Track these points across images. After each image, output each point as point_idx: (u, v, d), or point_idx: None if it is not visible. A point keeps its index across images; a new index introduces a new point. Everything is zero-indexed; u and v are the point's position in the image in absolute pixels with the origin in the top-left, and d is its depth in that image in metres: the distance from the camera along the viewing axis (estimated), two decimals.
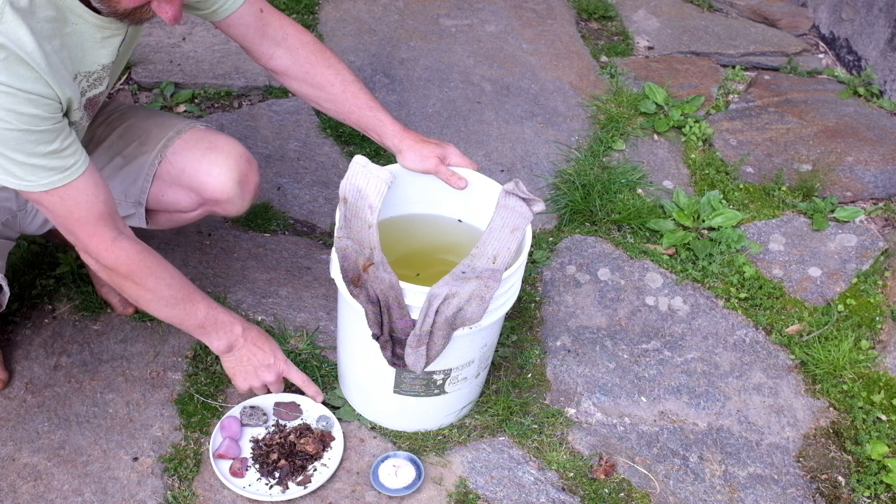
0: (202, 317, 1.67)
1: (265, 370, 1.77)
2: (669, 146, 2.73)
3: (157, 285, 1.59)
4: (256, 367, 1.77)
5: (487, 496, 1.76)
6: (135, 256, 1.54)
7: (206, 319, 1.68)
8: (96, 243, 1.50)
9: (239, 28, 1.72)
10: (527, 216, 1.66)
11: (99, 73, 1.50)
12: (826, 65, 3.23)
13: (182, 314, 1.65)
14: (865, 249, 2.40)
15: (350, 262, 1.57)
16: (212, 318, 1.69)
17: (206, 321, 1.68)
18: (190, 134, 1.76)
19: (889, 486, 1.84)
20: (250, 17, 1.70)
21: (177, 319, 1.67)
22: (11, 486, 1.68)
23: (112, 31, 1.47)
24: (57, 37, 1.38)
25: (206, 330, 1.69)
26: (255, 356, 1.76)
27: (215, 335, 1.71)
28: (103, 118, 1.79)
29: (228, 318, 1.72)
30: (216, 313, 1.70)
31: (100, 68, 1.50)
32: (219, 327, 1.70)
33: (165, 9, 1.38)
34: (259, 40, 1.74)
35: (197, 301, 1.66)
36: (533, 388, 1.98)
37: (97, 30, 1.44)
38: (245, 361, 1.76)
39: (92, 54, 1.47)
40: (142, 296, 1.60)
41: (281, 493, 1.70)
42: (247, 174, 1.77)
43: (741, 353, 2.11)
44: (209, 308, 1.68)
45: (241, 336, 1.73)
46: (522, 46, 3.12)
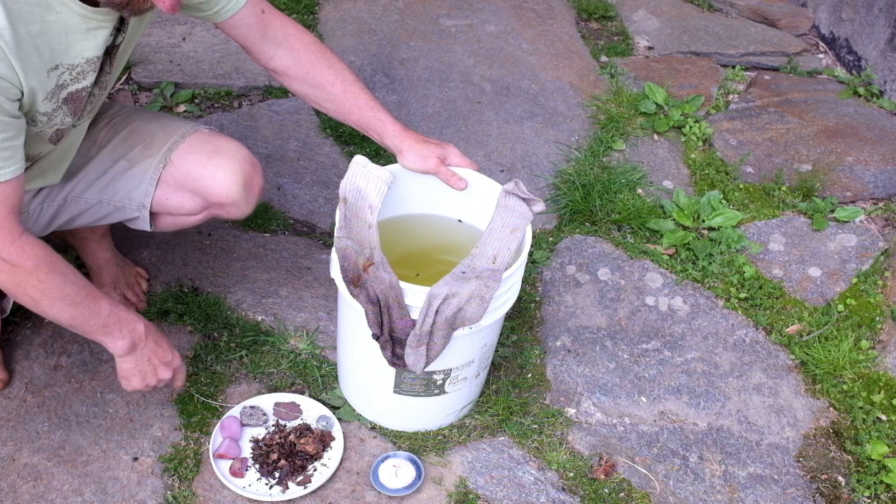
0: (106, 315, 1.56)
1: (164, 368, 1.67)
2: (669, 146, 2.73)
3: (62, 282, 1.50)
4: (157, 365, 1.66)
5: (487, 496, 1.76)
6: (40, 251, 1.47)
7: (109, 318, 1.57)
8: (3, 237, 1.43)
9: (240, 29, 1.72)
10: (527, 216, 1.66)
11: (83, 67, 1.47)
12: (826, 65, 3.23)
13: (86, 313, 1.54)
14: (865, 249, 2.40)
15: (350, 262, 1.57)
16: (115, 317, 1.58)
17: (109, 320, 1.57)
18: (194, 137, 1.76)
19: (889, 486, 1.84)
20: (252, 18, 1.70)
21: (80, 319, 1.55)
22: (11, 486, 1.68)
23: (98, 22, 1.44)
24: (36, 22, 1.35)
25: (110, 329, 1.58)
26: (156, 354, 1.66)
27: (119, 335, 1.59)
28: (106, 121, 1.79)
29: (131, 315, 1.61)
30: (118, 311, 1.59)
31: (83, 61, 1.47)
32: (122, 325, 1.59)
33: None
34: (260, 41, 1.74)
35: (100, 299, 1.56)
36: (533, 388, 1.98)
37: (82, 20, 1.41)
38: (146, 361, 1.65)
39: (76, 46, 1.44)
40: (46, 293, 1.49)
41: (281, 493, 1.70)
42: (251, 177, 1.76)
43: (741, 353, 2.11)
44: (112, 306, 1.58)
45: (143, 334, 1.62)
46: (522, 46, 3.12)
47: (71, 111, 1.53)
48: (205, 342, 1.98)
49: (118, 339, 1.59)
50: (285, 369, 1.95)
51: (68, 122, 1.54)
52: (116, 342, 1.60)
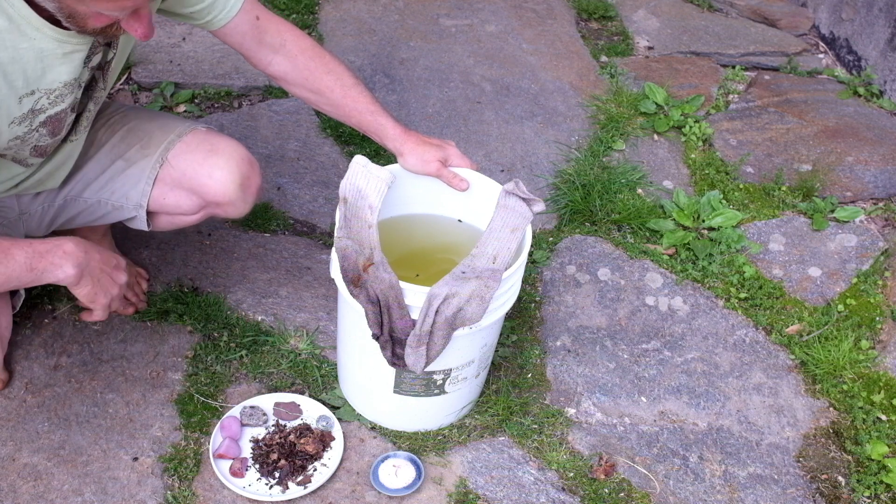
0: (23, 259, 1.42)
1: (118, 272, 1.55)
2: (669, 146, 2.73)
3: None
4: (110, 272, 1.54)
5: (487, 496, 1.76)
6: None
7: (30, 259, 1.43)
8: None
9: (235, 37, 1.71)
10: (527, 216, 1.66)
11: (61, 91, 1.45)
12: (826, 65, 3.23)
13: (5, 270, 1.41)
14: (865, 249, 2.40)
15: (350, 262, 1.57)
16: (34, 254, 1.43)
17: (32, 260, 1.43)
18: (191, 136, 1.76)
19: (889, 486, 1.84)
20: (246, 25, 1.69)
21: (4, 277, 1.42)
22: (11, 486, 1.68)
23: (73, 46, 1.42)
24: (8, 49, 1.33)
25: (40, 268, 1.44)
26: (105, 263, 1.52)
27: (54, 267, 1.44)
28: (104, 121, 1.79)
29: (50, 243, 1.46)
30: (34, 247, 1.44)
31: (61, 85, 1.45)
32: (48, 256, 1.44)
33: (135, 27, 1.34)
34: (256, 48, 1.73)
35: (9, 247, 1.42)
36: (533, 388, 1.98)
37: (58, 45, 1.39)
38: (99, 272, 1.51)
39: (52, 71, 1.41)
40: None
41: (281, 493, 1.70)
42: (248, 176, 1.76)
43: (741, 353, 2.11)
44: (24, 246, 1.43)
45: (77, 250, 1.47)
46: (522, 46, 3.12)
47: (49, 132, 1.50)
48: (205, 342, 1.98)
49: (56, 270, 1.45)
50: (285, 369, 1.95)
51: (47, 141, 1.51)
52: (57, 274, 1.45)
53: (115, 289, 1.54)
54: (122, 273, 1.56)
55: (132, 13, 1.32)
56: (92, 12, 1.30)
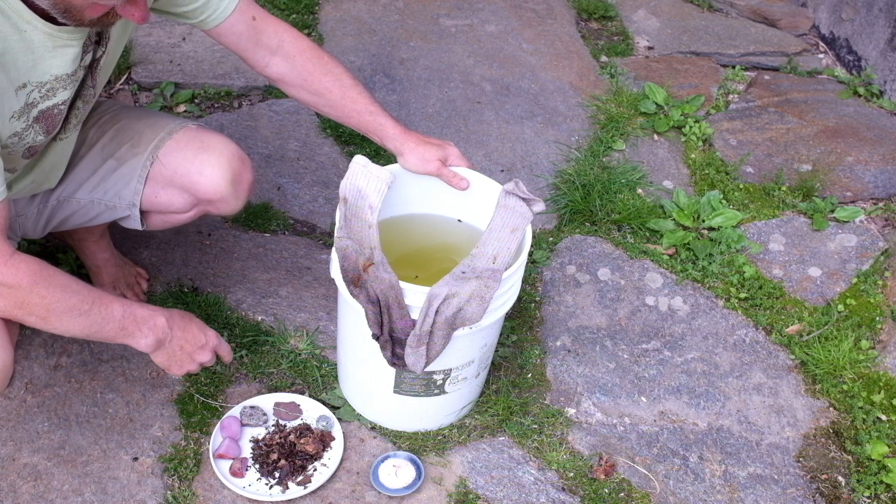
0: (119, 317, 1.49)
1: (200, 352, 1.62)
2: (669, 146, 2.73)
3: (64, 294, 1.43)
4: (191, 352, 1.61)
5: (487, 496, 1.76)
6: (35, 266, 1.42)
7: (124, 320, 1.50)
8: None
9: (231, 37, 1.70)
10: (527, 216, 1.66)
11: (52, 84, 1.44)
12: (826, 65, 3.23)
13: (99, 320, 1.47)
14: (865, 249, 2.40)
15: (350, 262, 1.57)
16: (131, 317, 1.51)
17: (125, 321, 1.50)
18: (181, 134, 1.75)
19: (889, 486, 1.84)
20: (242, 25, 1.68)
21: (94, 328, 1.48)
22: (11, 486, 1.68)
23: (64, 40, 1.41)
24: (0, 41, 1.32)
25: (129, 331, 1.51)
26: (187, 342, 1.60)
27: (140, 334, 1.52)
28: (95, 120, 1.78)
29: (148, 312, 1.54)
30: (133, 310, 1.52)
31: (52, 78, 1.43)
32: (141, 324, 1.52)
33: (131, 11, 1.34)
34: (253, 48, 1.72)
35: (111, 303, 1.49)
36: (533, 388, 1.98)
37: (48, 38, 1.38)
38: (178, 351, 1.59)
39: (43, 63, 1.40)
40: (51, 308, 1.43)
41: (281, 493, 1.70)
42: (240, 173, 1.75)
43: (741, 353, 2.11)
44: (125, 307, 1.50)
45: (166, 327, 1.56)
46: (522, 46, 3.12)
47: (43, 129, 1.49)
48: None
49: (140, 339, 1.53)
50: (285, 369, 1.95)
51: (40, 139, 1.51)
52: (139, 342, 1.54)
53: (191, 366, 1.63)
54: (206, 353, 1.63)
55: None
56: (88, 3, 1.30)
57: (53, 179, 1.70)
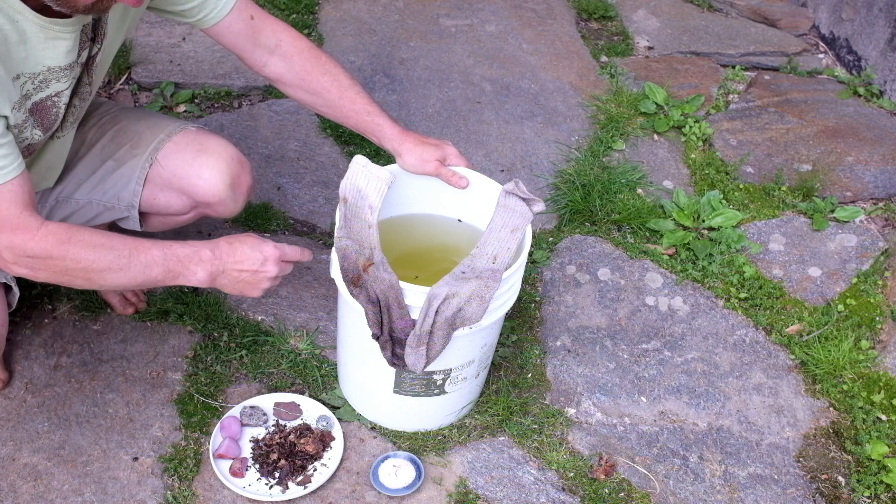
0: (161, 260, 1.47)
1: (265, 269, 1.55)
2: (669, 146, 2.73)
3: (97, 254, 1.43)
4: (254, 273, 1.55)
5: (487, 496, 1.76)
6: (63, 233, 1.42)
7: (167, 261, 1.48)
8: (21, 237, 1.39)
9: (228, 36, 1.70)
10: (527, 216, 1.66)
11: (45, 75, 1.43)
12: (826, 65, 3.23)
13: (142, 268, 1.46)
14: (865, 249, 2.40)
15: (350, 262, 1.57)
16: (173, 258, 1.49)
17: (168, 263, 1.48)
18: (181, 136, 1.75)
19: (889, 486, 1.84)
20: (240, 25, 1.68)
21: (141, 277, 1.47)
22: (11, 486, 1.68)
23: (56, 32, 1.40)
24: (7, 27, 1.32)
25: (177, 272, 1.49)
26: (244, 265, 1.54)
27: (189, 273, 1.50)
28: (94, 121, 1.78)
29: (190, 248, 1.51)
30: (173, 250, 1.50)
31: (45, 69, 1.43)
32: (186, 262, 1.50)
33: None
34: (251, 48, 1.72)
35: (147, 249, 1.47)
36: (533, 388, 1.98)
37: (40, 29, 1.38)
38: (238, 276, 1.55)
39: (35, 54, 1.40)
40: (90, 270, 1.42)
41: (281, 493, 1.70)
42: (239, 176, 1.75)
43: (741, 353, 2.11)
44: (164, 249, 1.48)
45: (213, 258, 1.51)
46: (522, 46, 3.12)
47: (38, 123, 1.49)
48: (205, 342, 1.98)
49: (190, 276, 1.51)
50: (285, 369, 1.95)
51: (38, 136, 1.50)
52: (191, 279, 1.51)
53: (263, 284, 1.57)
54: (272, 267, 1.55)
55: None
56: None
57: (51, 179, 1.70)
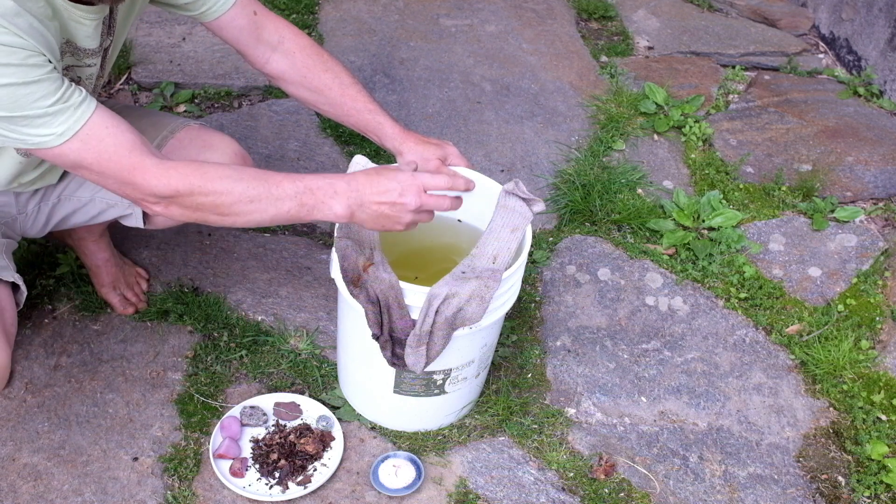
0: (293, 193, 1.41)
1: (407, 201, 1.45)
2: (669, 146, 2.73)
3: (227, 185, 1.38)
4: (394, 204, 1.45)
5: (487, 496, 1.76)
6: (188, 169, 1.36)
7: (300, 195, 1.41)
8: (142, 176, 1.34)
9: (231, 31, 1.70)
10: (527, 216, 1.66)
11: (63, 47, 1.42)
12: (826, 65, 3.23)
13: (274, 201, 1.40)
14: (865, 249, 2.40)
15: (350, 262, 1.57)
16: (306, 191, 1.42)
17: (302, 196, 1.41)
18: (184, 133, 1.75)
19: (889, 486, 1.84)
20: (243, 19, 1.68)
21: (272, 210, 1.41)
22: (11, 486, 1.68)
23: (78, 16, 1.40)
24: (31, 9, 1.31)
25: (310, 205, 1.42)
26: (384, 196, 1.44)
27: (325, 206, 1.42)
28: None
29: (324, 180, 1.44)
30: (306, 182, 1.43)
31: (64, 42, 1.41)
32: (320, 194, 1.42)
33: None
34: (254, 44, 1.72)
35: (279, 180, 1.41)
36: (533, 388, 1.98)
37: (64, 10, 1.38)
38: (378, 209, 1.45)
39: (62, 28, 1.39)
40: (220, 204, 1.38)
41: (281, 493, 1.70)
42: None
43: (741, 353, 2.11)
44: (295, 181, 1.42)
45: (349, 189, 1.43)
46: (522, 46, 3.12)
47: None
48: (205, 342, 1.98)
49: (326, 210, 1.43)
50: (285, 369, 1.95)
51: None
52: (328, 213, 1.44)
53: (405, 217, 1.47)
54: (415, 197, 1.45)
55: None
56: None
57: (56, 174, 1.70)
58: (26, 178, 1.63)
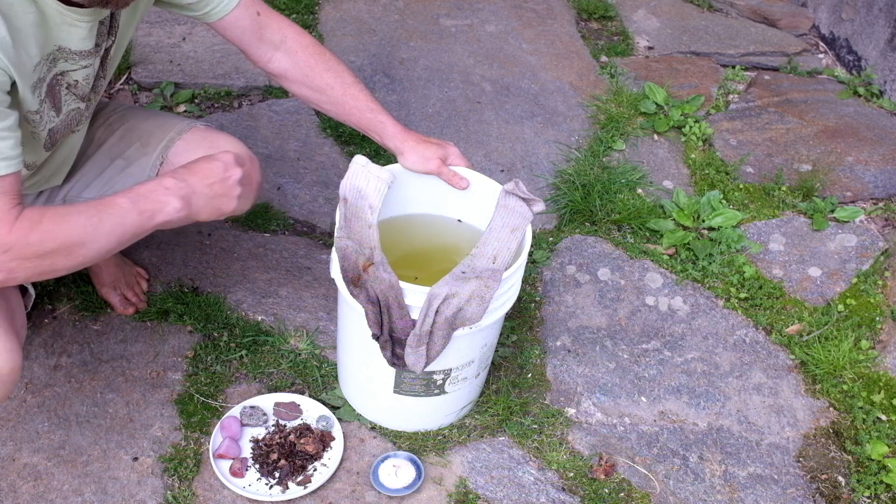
0: (129, 205, 1.39)
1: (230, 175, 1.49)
2: (669, 146, 2.73)
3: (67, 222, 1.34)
4: (222, 181, 1.49)
5: (487, 496, 1.76)
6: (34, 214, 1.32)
7: (136, 203, 1.40)
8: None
9: (235, 31, 1.70)
10: (527, 216, 1.66)
11: (55, 54, 1.41)
12: (826, 65, 3.23)
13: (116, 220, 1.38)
14: (865, 249, 2.40)
15: (350, 262, 1.57)
16: (140, 198, 1.40)
17: (138, 204, 1.40)
18: (191, 134, 1.76)
19: (889, 486, 1.84)
20: (246, 20, 1.69)
21: (119, 229, 1.39)
22: (11, 486, 1.68)
23: (72, 20, 1.39)
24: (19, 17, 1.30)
25: (150, 210, 1.41)
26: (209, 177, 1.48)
27: (160, 205, 1.42)
28: (103, 120, 1.78)
29: (152, 182, 1.44)
30: (136, 190, 1.41)
31: (55, 48, 1.40)
32: (152, 196, 1.41)
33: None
34: (256, 43, 1.73)
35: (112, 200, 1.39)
36: (533, 388, 1.98)
37: (58, 15, 1.37)
38: (208, 189, 1.47)
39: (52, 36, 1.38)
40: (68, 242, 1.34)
41: (281, 493, 1.70)
42: (249, 174, 1.74)
43: (741, 353, 2.11)
44: (127, 193, 1.40)
45: (177, 182, 1.44)
46: (522, 46, 3.12)
47: (52, 105, 1.47)
48: (205, 342, 1.98)
49: (165, 207, 1.42)
50: (285, 369, 1.95)
51: (52, 117, 1.48)
52: (167, 210, 1.43)
53: (234, 190, 1.50)
54: (235, 170, 1.49)
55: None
56: None
57: (60, 176, 1.71)
58: (27, 182, 1.63)
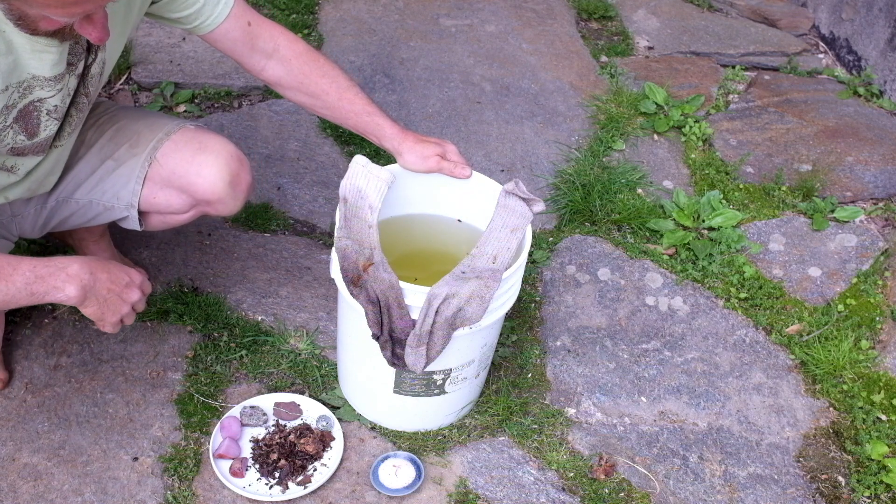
0: (23, 282, 1.39)
1: (128, 291, 1.51)
2: (669, 146, 2.73)
3: None
4: (119, 293, 1.49)
5: (487, 496, 1.76)
6: None
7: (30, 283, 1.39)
8: None
9: (226, 42, 1.70)
10: (527, 216, 1.66)
11: (29, 82, 1.41)
12: (826, 65, 3.23)
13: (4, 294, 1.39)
14: (865, 249, 2.40)
15: (350, 262, 1.57)
16: (36, 278, 1.40)
17: (32, 285, 1.40)
18: (180, 135, 1.75)
19: (889, 486, 1.84)
20: (237, 31, 1.69)
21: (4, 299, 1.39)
22: (11, 486, 1.68)
23: (42, 45, 1.38)
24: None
25: (40, 292, 1.41)
26: (113, 283, 1.48)
27: (55, 290, 1.42)
28: (93, 121, 1.78)
29: (55, 265, 1.43)
30: (37, 270, 1.41)
31: (29, 77, 1.40)
32: (50, 280, 1.41)
33: (88, 30, 1.30)
34: (249, 53, 1.72)
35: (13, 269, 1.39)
36: (533, 388, 1.98)
37: (26, 41, 1.36)
38: (106, 293, 1.47)
39: (22, 64, 1.38)
40: None
41: (281, 493, 1.70)
42: (238, 174, 1.75)
43: (741, 353, 2.11)
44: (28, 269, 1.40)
45: (82, 272, 1.44)
46: (522, 46, 3.12)
47: (22, 129, 1.46)
48: (205, 342, 1.98)
49: (59, 293, 1.42)
50: (285, 369, 1.95)
51: (21, 139, 1.48)
52: (60, 297, 1.43)
53: (124, 307, 1.51)
54: (134, 290, 1.52)
55: (85, 17, 1.29)
56: (41, 15, 1.27)
57: (48, 185, 1.70)
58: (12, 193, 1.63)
